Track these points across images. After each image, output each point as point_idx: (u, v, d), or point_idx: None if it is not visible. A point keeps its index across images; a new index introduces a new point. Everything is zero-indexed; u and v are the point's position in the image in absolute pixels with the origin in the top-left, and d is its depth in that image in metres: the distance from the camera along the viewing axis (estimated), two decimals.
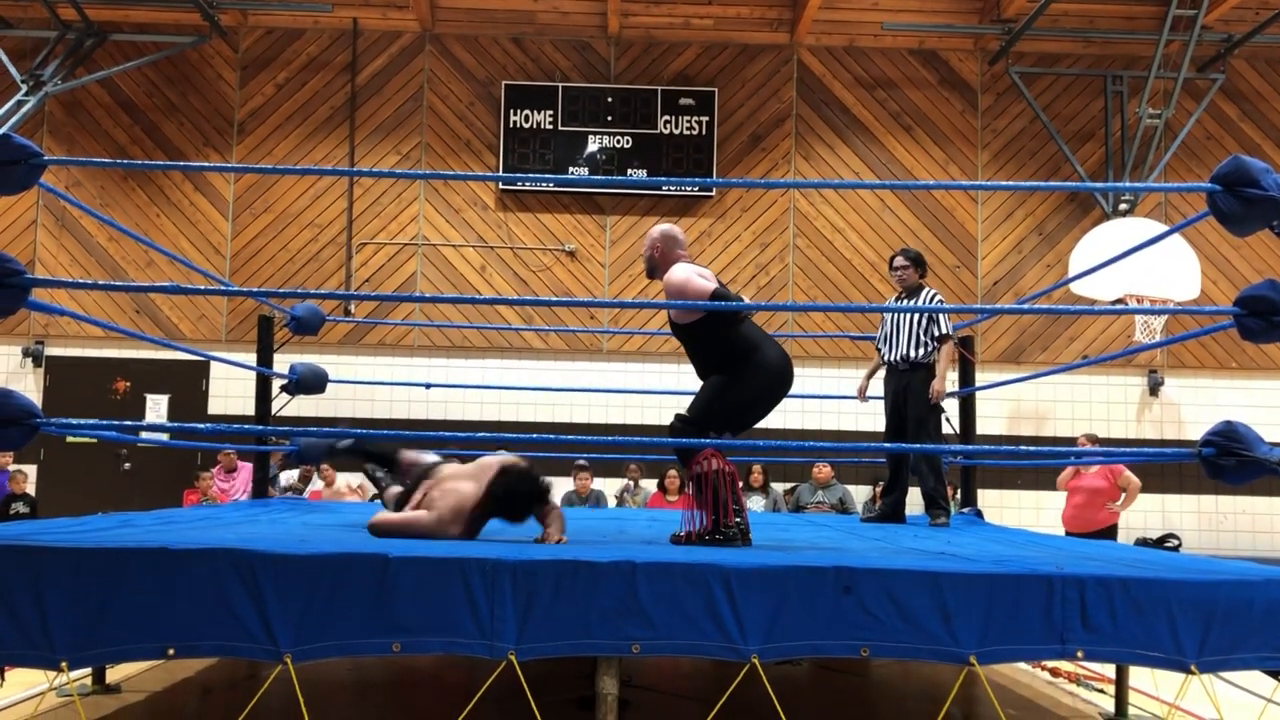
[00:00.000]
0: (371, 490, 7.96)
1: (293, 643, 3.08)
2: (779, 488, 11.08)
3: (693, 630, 3.16)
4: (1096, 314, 11.66)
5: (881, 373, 6.61)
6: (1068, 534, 8.91)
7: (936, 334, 6.27)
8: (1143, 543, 10.62)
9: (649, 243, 4.65)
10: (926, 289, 6.46)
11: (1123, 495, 8.94)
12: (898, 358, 6.35)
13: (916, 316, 6.26)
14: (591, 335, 11.80)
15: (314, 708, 3.20)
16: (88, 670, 5.00)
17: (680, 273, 4.41)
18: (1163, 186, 4.49)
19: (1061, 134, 11.94)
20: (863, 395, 6.92)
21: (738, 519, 4.16)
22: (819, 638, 3.20)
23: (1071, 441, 11.23)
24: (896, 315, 6.37)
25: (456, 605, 3.13)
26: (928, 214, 12.08)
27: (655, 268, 4.63)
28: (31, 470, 11.02)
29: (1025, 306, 8.59)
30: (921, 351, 6.28)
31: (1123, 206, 11.64)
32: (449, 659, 5.48)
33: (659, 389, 11.25)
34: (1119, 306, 9.84)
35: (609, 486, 11.11)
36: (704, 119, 11.95)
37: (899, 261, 6.49)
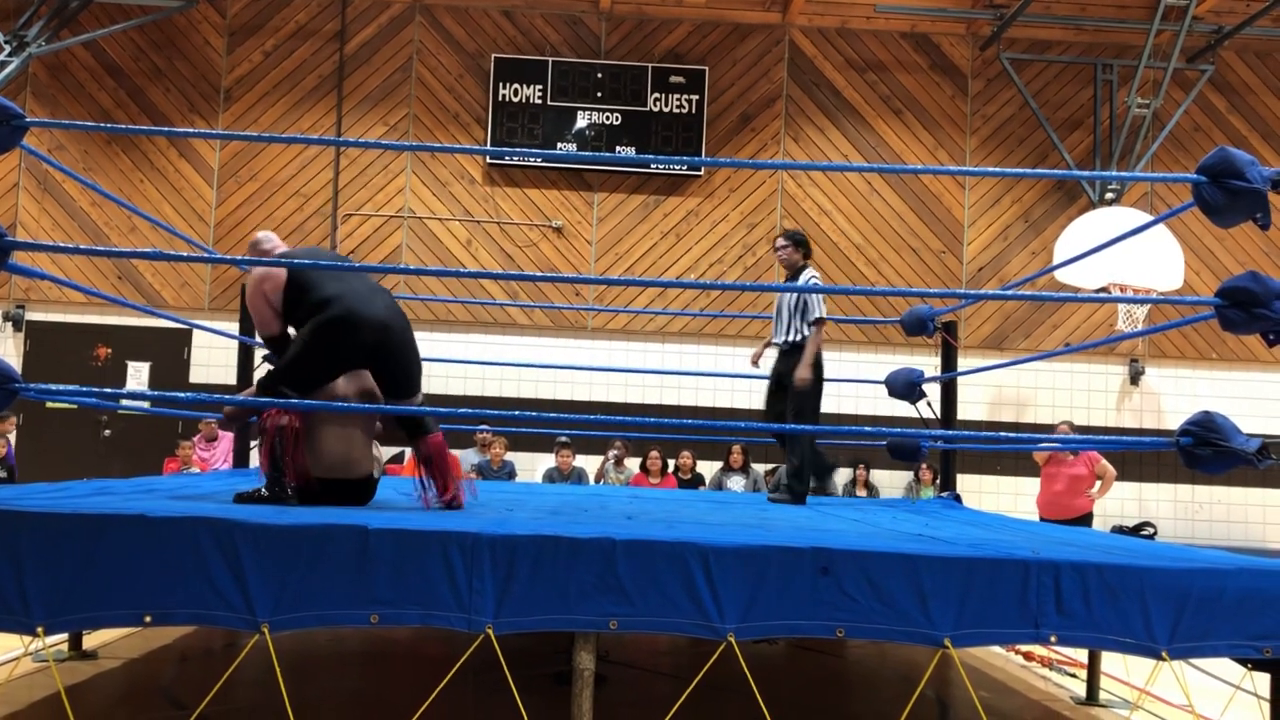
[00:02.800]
0: None
1: (270, 612, 3.08)
2: (760, 468, 11.12)
3: (670, 608, 3.18)
4: (1080, 301, 11.72)
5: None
6: (1042, 520, 8.99)
7: (810, 318, 6.31)
8: (1119, 530, 10.71)
9: None
10: (808, 270, 6.49)
11: (1099, 483, 9.02)
12: (781, 339, 6.45)
13: (796, 299, 6.32)
14: (577, 312, 11.79)
15: (291, 677, 3.20)
16: (64, 636, 5.00)
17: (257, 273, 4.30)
18: (1149, 176, 4.51)
19: (1050, 121, 11.96)
20: (755, 361, 7.01)
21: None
22: (795, 618, 3.22)
23: (1051, 429, 11.31)
24: (781, 296, 6.48)
25: (435, 578, 3.13)
26: (915, 198, 12.09)
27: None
28: (10, 435, 10.94)
29: (1009, 293, 8.63)
30: (796, 335, 6.34)
31: (1109, 195, 11.68)
32: (427, 631, 5.48)
33: (643, 367, 11.27)
34: (1102, 295, 9.90)
35: (590, 464, 11.12)
36: (694, 97, 11.91)
37: (780, 241, 6.55)
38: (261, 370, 6.73)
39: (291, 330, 4.27)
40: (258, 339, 6.64)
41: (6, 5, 11.39)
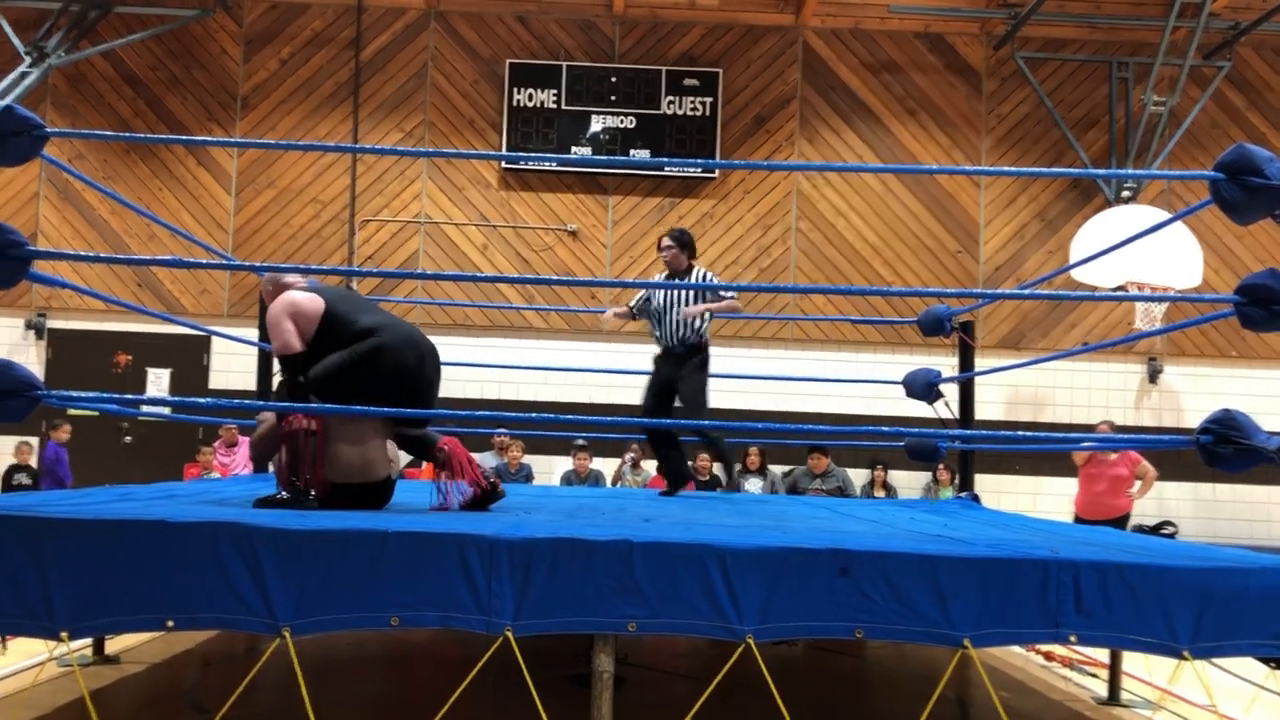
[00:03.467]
0: None
1: (291, 616, 3.10)
2: (777, 470, 11.10)
3: (688, 609, 3.18)
4: (1098, 300, 11.65)
5: (615, 309, 6.73)
6: (1079, 520, 8.95)
7: (718, 301, 6.39)
8: (1139, 530, 10.65)
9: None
10: (697, 269, 6.52)
11: (1138, 483, 8.98)
12: (673, 340, 6.39)
13: (687, 298, 6.30)
14: (592, 315, 11.79)
15: (312, 681, 3.22)
16: (88, 641, 5.03)
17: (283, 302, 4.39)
18: (1166, 174, 4.49)
19: (1066, 120, 11.91)
20: (607, 325, 7.07)
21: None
22: (814, 619, 3.21)
23: (1069, 428, 11.26)
24: (666, 295, 6.39)
25: (454, 580, 3.14)
26: (931, 198, 12.06)
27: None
28: (34, 442, 11.03)
29: (1026, 292, 8.59)
30: (692, 334, 6.34)
31: (1125, 194, 11.61)
32: (446, 634, 5.50)
33: None
34: (1120, 293, 9.84)
35: (607, 467, 11.13)
36: (708, 100, 11.92)
37: (665, 242, 6.44)
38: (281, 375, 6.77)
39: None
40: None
41: (27, 17, 11.50)
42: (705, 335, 6.42)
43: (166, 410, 9.82)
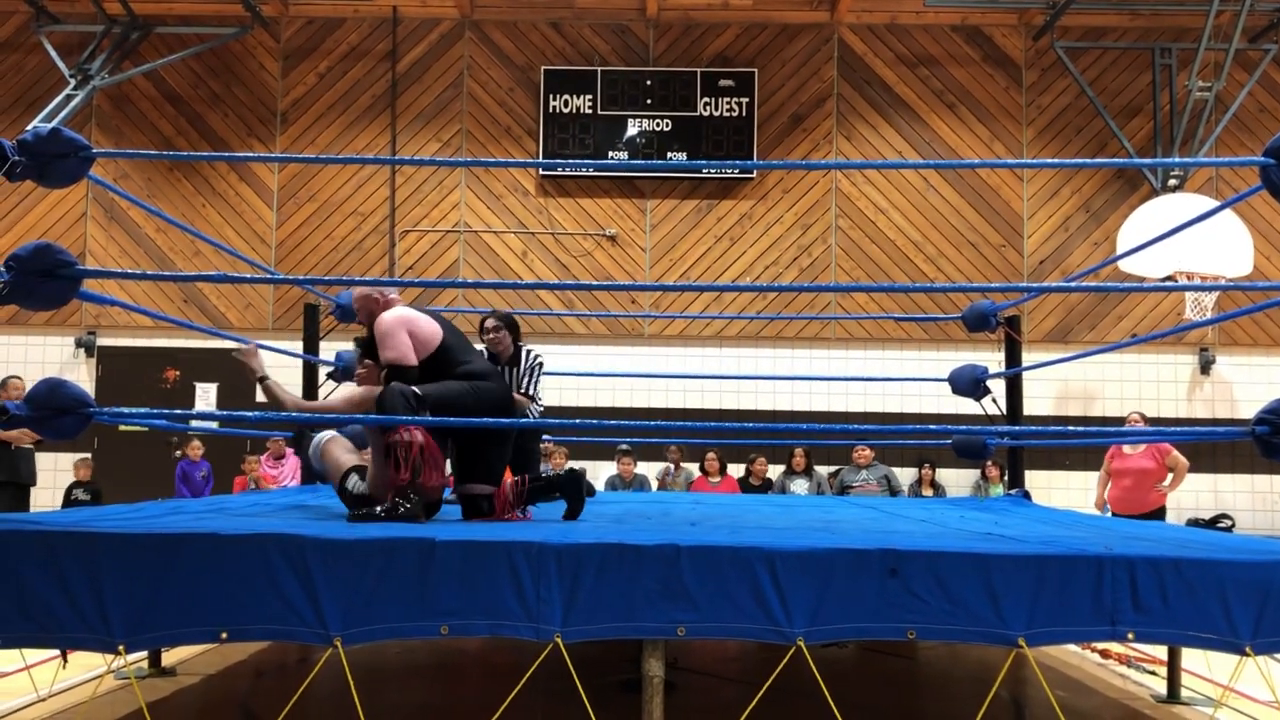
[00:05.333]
0: None
1: (342, 626, 3.12)
2: (823, 470, 11.04)
3: (738, 613, 3.16)
4: (1146, 291, 11.48)
5: None
6: (1115, 516, 8.80)
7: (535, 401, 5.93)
8: (1195, 523, 10.47)
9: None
10: (528, 349, 6.14)
11: (1170, 476, 8.80)
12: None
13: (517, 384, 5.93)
14: (633, 320, 11.80)
15: (363, 690, 3.24)
16: (144, 653, 5.10)
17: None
18: (1213, 161, 4.39)
19: (1108, 109, 11.74)
20: None
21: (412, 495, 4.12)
22: (865, 620, 3.19)
23: (1119, 422, 11.10)
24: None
25: (502, 588, 3.15)
26: (972, 193, 11.94)
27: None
28: (86, 458, 11.21)
29: (1072, 284, 8.47)
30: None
31: (1172, 182, 11.43)
32: (496, 642, 5.52)
33: (701, 373, 11.25)
34: (1169, 283, 9.69)
35: (651, 470, 11.13)
36: (744, 100, 11.88)
37: (490, 323, 5.99)
38: (328, 387, 6.84)
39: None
40: (325, 358, 6.73)
41: (71, 40, 11.72)
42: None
43: (215, 424, 9.93)
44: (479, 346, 5.37)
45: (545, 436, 10.41)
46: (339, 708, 4.01)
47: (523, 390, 5.94)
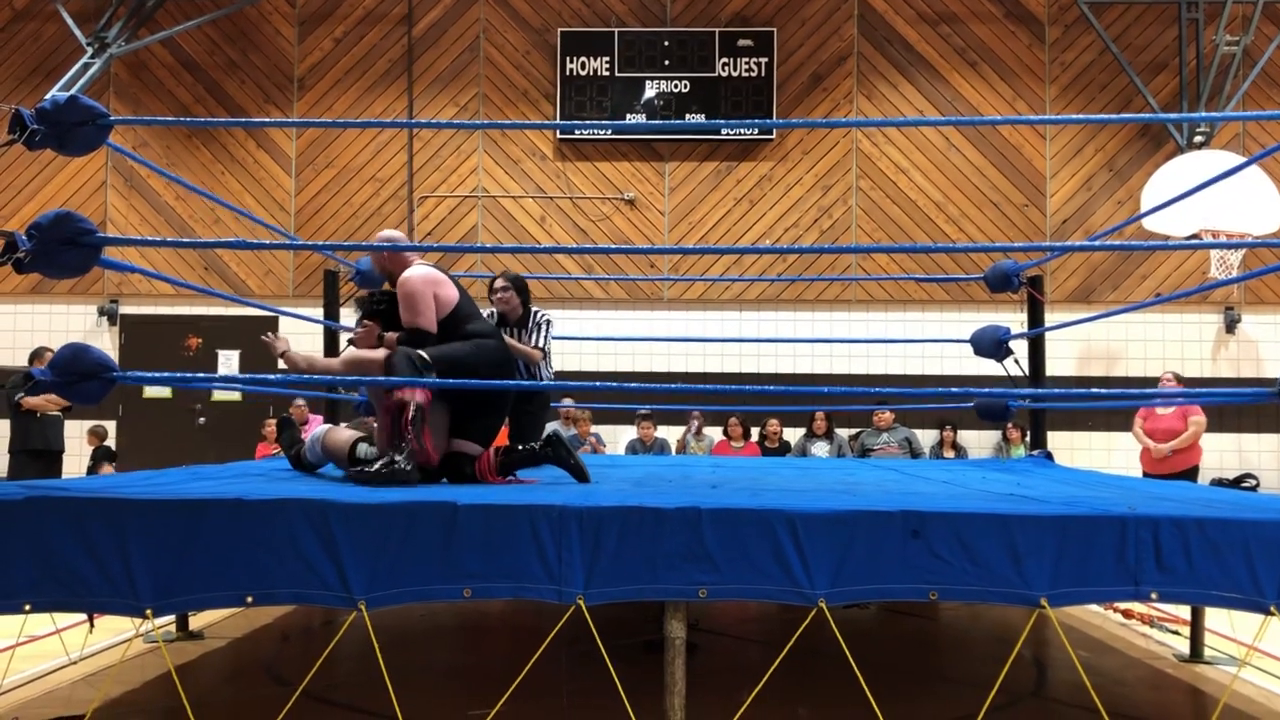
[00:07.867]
0: None
1: (366, 590, 3.14)
2: (844, 433, 11.03)
3: (759, 575, 3.17)
4: (1170, 249, 11.35)
5: None
6: (1146, 475, 8.79)
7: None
8: (1219, 483, 10.41)
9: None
10: (539, 311, 6.12)
11: (1183, 435, 8.80)
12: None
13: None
14: (652, 284, 11.77)
15: (388, 652, 3.27)
16: (171, 617, 5.17)
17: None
18: (1240, 115, 4.32)
19: (1133, 65, 11.56)
20: None
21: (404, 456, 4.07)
22: (887, 581, 3.18)
23: (1143, 382, 11.02)
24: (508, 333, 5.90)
25: (525, 551, 3.16)
26: (994, 151, 11.81)
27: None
28: (111, 425, 11.32)
29: (1095, 244, 8.38)
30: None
31: (1198, 139, 11.27)
32: (518, 604, 5.56)
33: (720, 336, 11.23)
34: (1194, 241, 9.57)
35: (671, 435, 11.14)
36: (763, 60, 11.76)
37: (499, 283, 5.94)
38: (348, 353, 6.85)
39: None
40: (348, 324, 6.75)
41: (87, 9, 11.69)
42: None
43: (237, 394, 9.99)
44: (485, 312, 5.33)
45: (567, 401, 10.46)
46: (364, 670, 4.06)
47: (534, 345, 5.92)
